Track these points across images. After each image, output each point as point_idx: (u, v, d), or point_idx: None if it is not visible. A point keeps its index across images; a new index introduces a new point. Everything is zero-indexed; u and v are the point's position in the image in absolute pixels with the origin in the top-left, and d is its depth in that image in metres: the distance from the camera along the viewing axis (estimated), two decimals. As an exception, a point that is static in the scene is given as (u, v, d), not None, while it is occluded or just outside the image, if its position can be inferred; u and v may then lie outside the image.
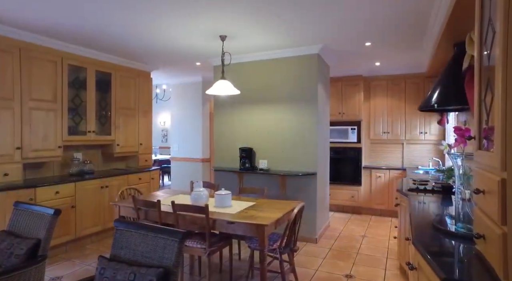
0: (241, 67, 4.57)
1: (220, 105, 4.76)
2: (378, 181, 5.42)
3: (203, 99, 6.38)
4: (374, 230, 4.63)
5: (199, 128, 6.40)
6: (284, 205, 3.05)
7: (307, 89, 4.15)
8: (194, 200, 3.07)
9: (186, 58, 4.71)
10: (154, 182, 5.06)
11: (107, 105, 4.64)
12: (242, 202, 3.19)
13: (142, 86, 5.11)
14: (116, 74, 4.64)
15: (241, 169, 4.39)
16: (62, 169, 4.24)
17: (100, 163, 4.79)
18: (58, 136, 3.86)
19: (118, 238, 1.73)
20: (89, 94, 4.26)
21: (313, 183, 4.13)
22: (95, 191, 4.08)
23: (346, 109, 5.65)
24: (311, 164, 4.13)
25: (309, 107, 4.14)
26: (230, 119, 4.68)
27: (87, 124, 4.25)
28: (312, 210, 4.13)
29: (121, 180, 4.46)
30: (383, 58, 4.69)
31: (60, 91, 3.88)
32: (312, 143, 4.13)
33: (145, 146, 5.18)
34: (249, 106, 4.53)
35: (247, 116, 4.55)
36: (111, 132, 4.59)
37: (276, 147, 4.35)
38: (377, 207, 5.44)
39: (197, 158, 6.41)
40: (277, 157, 4.34)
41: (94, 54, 4.30)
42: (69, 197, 3.75)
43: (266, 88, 4.41)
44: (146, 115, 5.21)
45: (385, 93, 5.56)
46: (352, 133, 5.63)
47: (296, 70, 4.22)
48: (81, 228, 3.89)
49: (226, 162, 4.70)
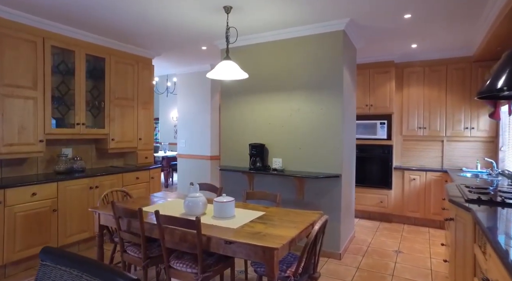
0: (250, 49, 3.91)
1: (227, 94, 4.12)
2: (412, 184, 4.63)
3: (212, 90, 5.77)
4: (410, 244, 3.87)
5: (207, 122, 5.80)
6: (301, 217, 2.38)
7: (330, 74, 3.44)
8: (187, 209, 2.46)
9: (190, 40, 4.09)
10: (154, 182, 4.49)
11: (100, 94, 4.10)
12: (249, 212, 2.55)
13: (142, 74, 4.55)
14: (111, 59, 4.09)
15: (251, 169, 3.75)
16: (48, 167, 3.74)
17: (94, 160, 4.27)
18: (39, 129, 3.35)
19: (40, 278, 1.12)
20: (78, 81, 3.72)
21: (337, 187, 3.43)
22: (83, 192, 3.55)
23: (374, 101, 4.88)
24: (334, 164, 3.43)
25: (333, 96, 3.43)
26: (238, 111, 4.04)
27: (76, 116, 3.72)
28: (336, 219, 3.43)
29: (115, 179, 3.92)
30: (422, 38, 3.90)
31: (42, 76, 3.35)
32: (336, 139, 3.42)
33: (145, 141, 4.63)
34: (260, 95, 3.87)
35: (258, 107, 3.89)
36: (105, 125, 4.05)
37: (293, 144, 3.67)
38: (411, 215, 4.66)
39: (205, 156, 5.81)
40: (293, 156, 3.67)
41: (83, 35, 3.76)
42: (49, 199, 3.22)
43: (280, 73, 3.73)
44: (147, 107, 4.65)
45: (421, 81, 4.74)
46: (381, 128, 4.86)
47: (316, 52, 3.52)
48: (64, 235, 3.36)
49: (235, 160, 4.07)
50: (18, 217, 2.96)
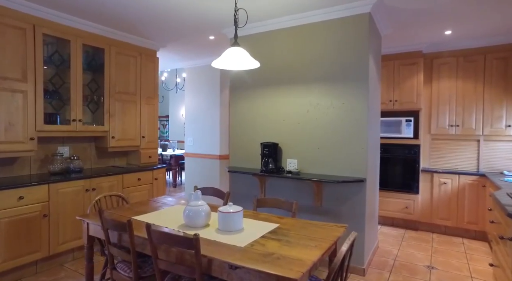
0: (263, 37, 3.50)
1: (236, 87, 3.73)
2: (443, 189, 4.14)
3: (221, 85, 5.39)
4: (443, 258, 3.40)
5: (216, 119, 5.43)
6: (322, 232, 1.97)
7: (354, 64, 3.01)
8: (187, 220, 2.09)
9: (196, 28, 3.72)
10: (158, 183, 4.16)
11: (99, 88, 3.77)
12: (260, 223, 2.15)
13: (145, 67, 4.20)
14: (111, 50, 3.76)
15: (262, 171, 3.35)
16: (42, 167, 3.44)
17: (94, 160, 3.95)
18: (30, 125, 3.04)
19: None
20: (74, 73, 3.40)
21: (360, 193, 3.00)
22: (78, 195, 3.23)
23: (399, 96, 4.40)
24: (358, 167, 2.99)
25: (357, 89, 3.00)
26: (249, 106, 3.64)
27: (72, 111, 3.40)
28: (359, 229, 3.00)
29: (114, 181, 3.59)
30: (461, 21, 3.41)
31: (32, 67, 3.04)
32: (361, 138, 2.99)
33: (148, 139, 4.29)
34: (274, 89, 3.46)
35: (271, 102, 3.49)
36: (104, 122, 3.73)
37: (310, 143, 3.25)
38: (441, 223, 4.17)
39: (214, 155, 5.45)
40: (310, 156, 3.25)
41: (80, 24, 3.43)
42: (39, 203, 2.91)
43: (296, 64, 3.32)
44: (151, 103, 4.31)
45: (454, 73, 4.23)
46: (407, 126, 4.38)
47: (338, 38, 3.09)
48: (56, 243, 3.05)
49: (245, 161, 3.68)
50: (1, 224, 2.66)
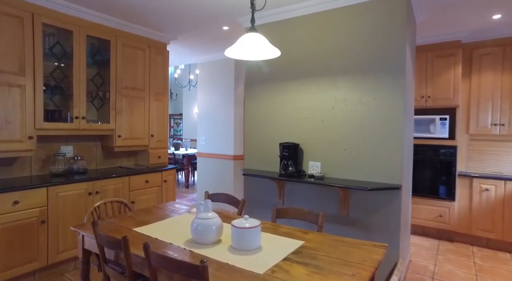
0: (282, 26, 3.14)
1: (251, 82, 3.38)
2: (485, 196, 3.67)
3: (235, 80, 5.06)
4: (492, 278, 2.96)
5: (230, 117, 5.10)
6: (359, 254, 1.60)
7: (389, 54, 2.60)
8: (195, 235, 1.76)
9: (209, 17, 3.39)
10: (167, 186, 3.87)
11: (105, 83, 3.51)
12: (281, 240, 1.80)
13: (154, 61, 3.91)
14: (117, 42, 3.49)
15: (281, 174, 2.99)
16: (44, 168, 3.20)
17: (100, 160, 3.70)
18: (28, 123, 2.79)
19: None
20: (77, 67, 3.14)
21: (394, 201, 2.60)
22: (80, 198, 2.97)
23: (432, 91, 3.94)
24: (392, 172, 2.59)
25: (391, 82, 2.59)
26: (266, 103, 3.29)
27: (74, 108, 3.14)
28: (393, 244, 2.61)
29: (120, 183, 3.32)
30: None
31: (31, 60, 2.79)
32: (395, 138, 2.58)
33: (158, 138, 4.01)
34: (294, 83, 3.10)
35: (291, 98, 3.12)
36: (110, 119, 3.46)
37: (335, 144, 2.87)
38: (483, 235, 3.70)
39: (228, 155, 5.13)
40: (335, 159, 2.87)
41: (83, 13, 3.16)
42: (37, 208, 2.66)
43: (321, 55, 2.94)
44: (160, 99, 4.02)
45: (499, 65, 3.74)
46: (442, 125, 3.92)
47: (369, 25, 2.69)
48: (55, 251, 2.79)
49: (261, 163, 3.34)
50: (-6, 232, 2.42)
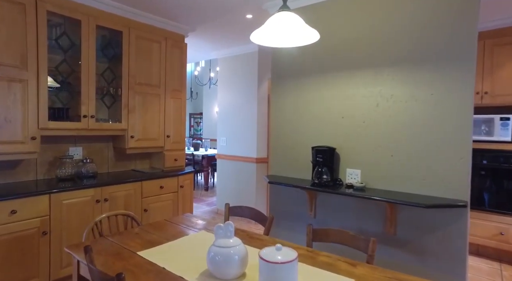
0: (317, 9, 2.69)
1: (279, 76, 2.96)
2: (559, 212, 3.06)
3: (259, 76, 4.65)
4: None
5: (253, 116, 4.70)
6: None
7: (455, 38, 2.10)
8: (213, 267, 1.37)
9: (231, 4, 3.00)
10: (184, 192, 3.51)
11: (116, 78, 3.20)
12: (322, 277, 1.37)
13: (171, 55, 3.57)
14: (131, 33, 3.17)
15: (314, 184, 2.55)
16: (51, 171, 2.93)
17: (111, 163, 3.40)
18: (31, 122, 2.51)
19: None
20: (86, 60, 2.84)
21: (458, 222, 2.09)
22: (86, 206, 2.66)
23: (491, 86, 3.35)
24: (455, 184, 2.09)
25: (457, 73, 2.09)
26: (295, 100, 2.85)
27: (82, 105, 2.84)
28: (459, 275, 2.10)
29: (131, 189, 2.99)
30: None
31: (34, 52, 2.50)
32: (460, 144, 2.08)
33: (174, 139, 3.67)
34: (330, 76, 2.64)
35: (326, 94, 2.67)
36: (122, 118, 3.15)
37: (380, 149, 2.39)
38: (555, 258, 3.09)
39: (251, 157, 4.73)
40: (380, 167, 2.39)
41: (92, 0, 2.86)
42: (37, 218, 2.37)
43: (364, 42, 2.47)
44: (177, 96, 3.68)
45: None
46: (503, 126, 3.33)
47: (431, 3, 2.19)
48: (58, 265, 2.49)
49: (288, 168, 2.91)
50: (-14, 246, 2.14)
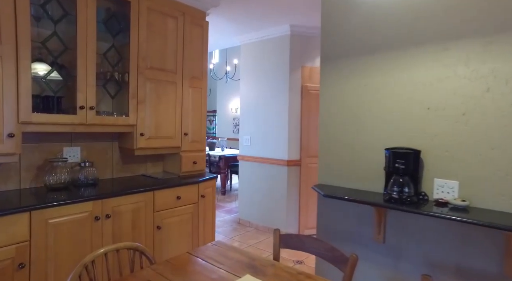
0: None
1: (330, 56, 2.25)
2: None
3: (291, 64, 3.95)
4: None
5: (284, 111, 4.01)
6: None
7: None
8: None
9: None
10: (205, 204, 2.85)
11: (122, 61, 2.54)
12: None
13: (190, 34, 2.91)
14: (140, 4, 2.51)
15: (388, 199, 1.84)
16: (38, 178, 2.30)
17: (117, 166, 2.76)
18: (7, 114, 1.88)
19: None
20: (83, 35, 2.19)
21: None
22: (81, 226, 2.02)
23: None
24: None
25: None
26: (357, 86, 2.15)
27: (79, 93, 2.20)
28: None
29: (141, 201, 2.34)
30: None
31: (11, 21, 1.86)
32: None
33: (193, 137, 3.01)
34: (410, 53, 1.92)
35: (404, 77, 1.95)
36: (129, 111, 2.50)
37: (490, 153, 1.66)
38: None
39: (281, 159, 4.04)
40: (490, 177, 1.66)
41: (91, -43, 2.21)
42: (12, 245, 1.73)
43: (457, 3, 1.74)
44: (197, 85, 3.02)
45: None
46: None
47: None
48: (42, 308, 1.86)
49: (345, 176, 2.20)
50: None
